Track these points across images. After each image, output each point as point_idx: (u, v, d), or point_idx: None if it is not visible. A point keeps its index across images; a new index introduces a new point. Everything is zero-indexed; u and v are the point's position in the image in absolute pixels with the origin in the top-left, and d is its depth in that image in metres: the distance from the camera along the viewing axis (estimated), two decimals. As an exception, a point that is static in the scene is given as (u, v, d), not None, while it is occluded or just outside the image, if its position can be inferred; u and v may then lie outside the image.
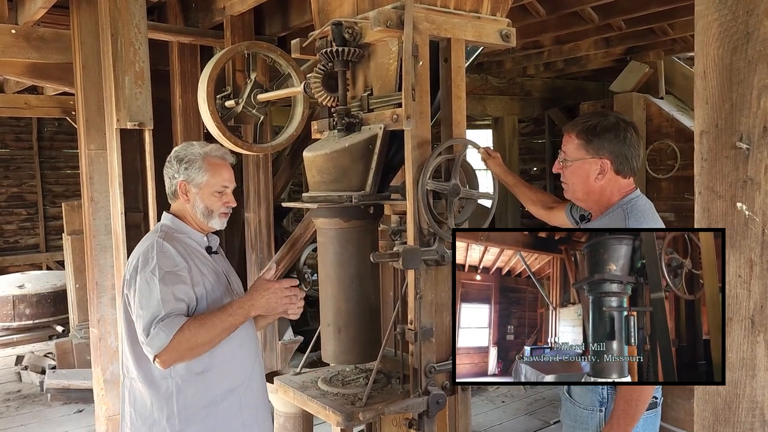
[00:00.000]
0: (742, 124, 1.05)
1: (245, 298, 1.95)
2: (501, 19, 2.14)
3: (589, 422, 1.92)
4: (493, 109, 7.07)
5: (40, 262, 9.39)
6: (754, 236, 1.05)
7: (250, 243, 4.36)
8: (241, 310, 1.90)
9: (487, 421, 4.70)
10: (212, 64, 2.91)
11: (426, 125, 1.97)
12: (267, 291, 1.95)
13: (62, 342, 5.74)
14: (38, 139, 9.42)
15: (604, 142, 1.91)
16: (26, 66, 4.65)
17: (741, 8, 1.04)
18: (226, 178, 2.08)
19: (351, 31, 2.01)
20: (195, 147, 2.07)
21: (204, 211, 2.04)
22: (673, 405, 3.94)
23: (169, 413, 1.92)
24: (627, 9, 4.25)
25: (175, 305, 1.84)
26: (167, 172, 2.08)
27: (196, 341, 1.81)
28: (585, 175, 1.94)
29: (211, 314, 1.87)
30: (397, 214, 2.22)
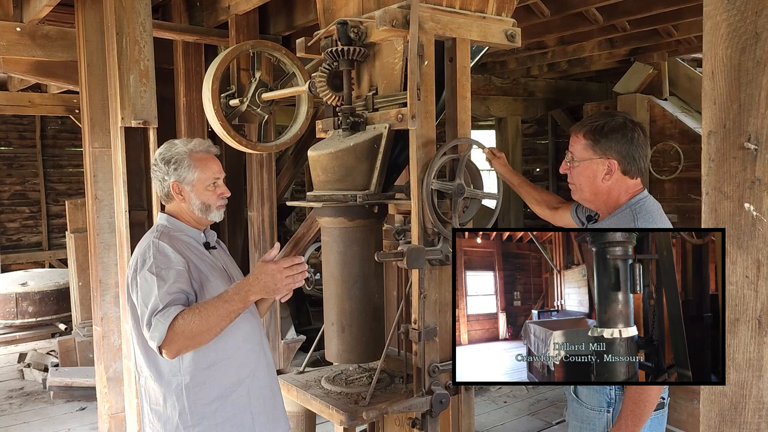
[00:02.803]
0: (751, 124, 1.05)
1: (242, 283, 1.90)
2: (506, 19, 2.14)
3: (597, 423, 1.91)
4: (496, 109, 7.07)
5: (43, 260, 9.41)
6: (762, 237, 1.05)
7: (253, 242, 4.37)
8: (237, 295, 1.86)
9: (490, 421, 4.70)
10: (217, 63, 2.91)
11: (431, 125, 1.97)
12: (263, 273, 1.87)
13: (65, 340, 5.75)
14: (41, 137, 9.44)
15: (612, 143, 1.90)
16: (31, 64, 4.66)
17: (750, 9, 1.04)
18: (216, 170, 2.08)
19: (356, 30, 2.01)
20: (178, 146, 2.07)
21: (201, 207, 2.05)
22: (676, 406, 3.93)
23: (180, 409, 1.94)
24: (632, 10, 4.25)
25: (172, 297, 1.85)
26: (156, 175, 2.07)
27: (192, 329, 1.79)
28: (592, 175, 1.93)
29: (207, 302, 1.86)
30: (401, 214, 2.22)
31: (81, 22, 3.82)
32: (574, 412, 2.00)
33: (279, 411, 2.13)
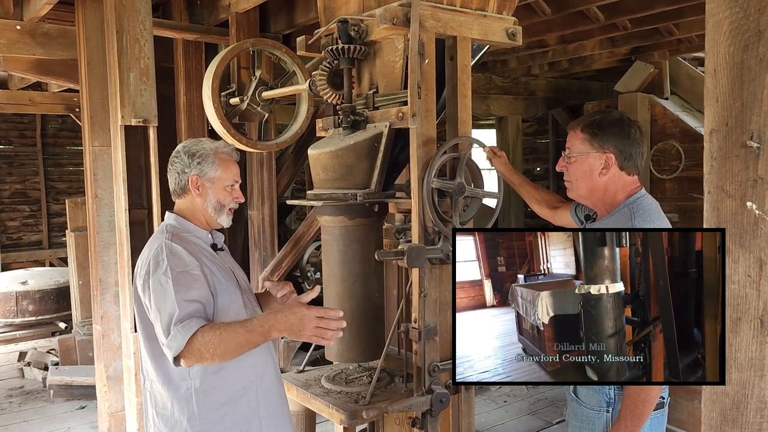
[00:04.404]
0: (753, 122, 1.04)
1: (268, 317, 1.82)
2: (507, 17, 2.14)
3: (596, 423, 1.91)
4: (496, 108, 7.05)
5: (43, 259, 9.41)
6: (764, 236, 1.04)
7: (254, 240, 4.36)
8: (260, 328, 1.80)
9: (490, 420, 4.70)
10: (217, 62, 2.91)
11: (431, 123, 1.97)
12: (293, 315, 1.78)
13: (65, 338, 5.75)
14: (42, 136, 9.44)
15: (609, 137, 1.91)
16: (31, 62, 4.66)
17: (752, 6, 1.03)
18: (236, 173, 2.09)
19: (357, 28, 2.01)
20: (205, 142, 2.07)
21: (216, 205, 2.03)
22: (676, 406, 3.93)
23: (189, 414, 1.92)
24: (633, 8, 4.24)
25: (191, 307, 1.82)
26: (175, 166, 2.05)
27: (210, 350, 1.77)
28: (589, 169, 1.93)
29: (228, 326, 1.81)
30: (401, 213, 2.21)
31: (81, 20, 3.82)
32: (573, 412, 2.00)
33: (285, 415, 2.11)
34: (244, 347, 1.81)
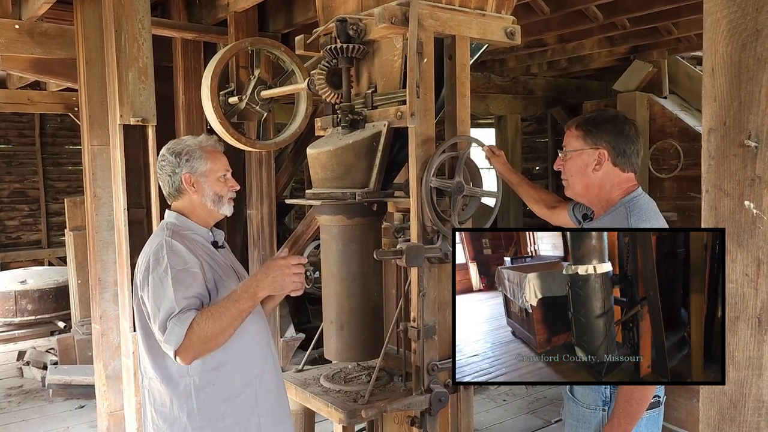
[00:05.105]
0: (751, 121, 1.04)
1: (250, 281, 1.90)
2: (506, 16, 2.14)
3: (592, 421, 1.92)
4: (496, 107, 7.05)
5: (42, 258, 9.40)
6: (762, 235, 1.04)
7: (253, 240, 4.36)
8: (246, 293, 1.86)
9: (489, 419, 4.70)
10: (216, 61, 2.90)
11: (430, 122, 1.97)
12: (272, 268, 1.89)
13: (64, 338, 5.74)
14: (41, 135, 9.43)
15: (603, 133, 1.93)
16: (30, 61, 4.65)
17: (750, 5, 1.03)
18: (226, 163, 2.10)
19: (355, 27, 2.01)
20: (187, 140, 2.07)
21: (214, 198, 2.04)
22: (675, 405, 3.93)
23: (189, 411, 1.92)
24: (631, 7, 4.24)
25: (188, 302, 1.83)
26: (165, 170, 2.04)
27: (208, 333, 1.79)
28: (583, 165, 1.95)
29: (218, 304, 1.85)
30: (400, 212, 2.21)
31: (80, 19, 3.82)
32: (570, 411, 2.00)
33: (285, 413, 2.12)
34: (238, 318, 1.85)
